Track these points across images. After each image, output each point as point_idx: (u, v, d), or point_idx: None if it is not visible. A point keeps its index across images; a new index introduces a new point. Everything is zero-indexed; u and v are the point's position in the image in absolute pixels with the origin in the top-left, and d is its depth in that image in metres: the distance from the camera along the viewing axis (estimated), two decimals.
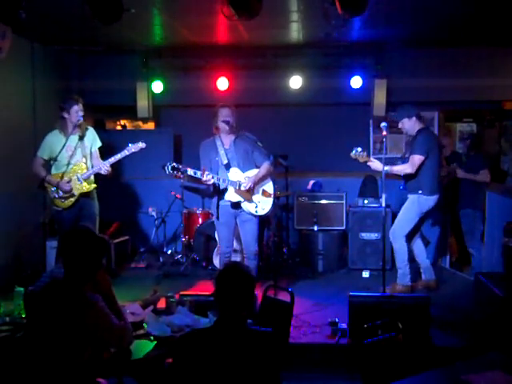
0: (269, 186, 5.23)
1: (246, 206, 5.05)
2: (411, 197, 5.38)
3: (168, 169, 4.79)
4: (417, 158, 5.25)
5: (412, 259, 5.61)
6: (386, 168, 5.17)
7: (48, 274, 3.77)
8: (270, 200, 5.19)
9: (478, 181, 5.98)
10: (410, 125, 5.37)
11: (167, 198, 7.05)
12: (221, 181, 4.94)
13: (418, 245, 5.60)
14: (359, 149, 5.21)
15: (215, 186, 5.04)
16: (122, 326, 2.80)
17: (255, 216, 5.12)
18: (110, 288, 2.92)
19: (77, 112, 5.18)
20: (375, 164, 5.26)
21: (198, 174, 4.86)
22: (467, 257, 6.39)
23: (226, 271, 2.53)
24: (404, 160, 5.42)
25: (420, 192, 5.31)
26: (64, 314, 2.57)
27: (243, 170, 5.06)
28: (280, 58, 7.21)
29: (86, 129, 5.39)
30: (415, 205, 5.35)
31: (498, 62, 7.12)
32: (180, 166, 4.83)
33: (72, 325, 2.54)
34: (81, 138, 5.31)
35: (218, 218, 5.11)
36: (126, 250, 7.11)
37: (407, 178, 5.38)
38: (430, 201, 5.33)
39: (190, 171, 4.87)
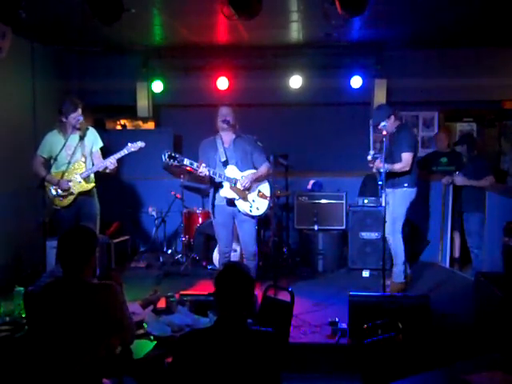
0: (265, 187, 5.18)
1: (240, 204, 5.03)
2: (398, 191, 5.40)
3: (165, 156, 4.76)
4: (409, 156, 5.32)
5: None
6: (386, 166, 5.21)
7: (48, 274, 3.79)
8: (266, 201, 5.14)
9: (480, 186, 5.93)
10: (388, 124, 5.37)
11: (167, 197, 7.05)
12: (217, 175, 4.93)
13: None
14: (372, 152, 5.44)
15: (212, 181, 5.04)
16: (132, 320, 2.87)
17: (252, 216, 5.13)
18: (122, 290, 2.96)
19: (75, 118, 5.15)
20: (376, 164, 5.39)
21: (195, 165, 4.86)
22: (468, 257, 6.39)
23: (226, 271, 2.54)
24: (392, 158, 5.36)
25: (406, 185, 5.39)
26: (82, 308, 2.59)
27: (241, 169, 5.06)
28: (280, 58, 7.21)
29: (87, 129, 5.39)
30: (404, 199, 5.41)
31: (498, 62, 7.12)
32: (177, 155, 4.81)
33: (94, 314, 2.57)
34: (81, 138, 5.31)
35: (213, 215, 5.12)
36: (126, 250, 7.11)
37: (390, 173, 5.37)
38: (413, 193, 5.44)
39: (187, 161, 4.85)
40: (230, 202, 5.05)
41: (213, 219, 5.20)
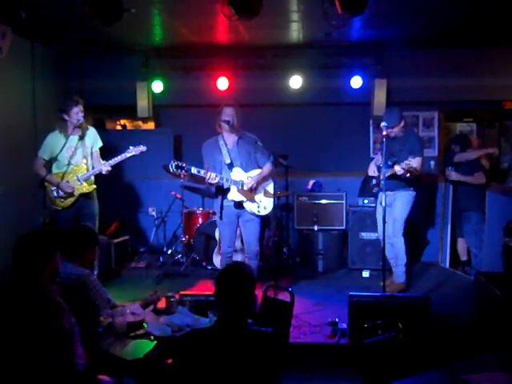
0: (270, 187, 5.24)
1: (248, 205, 5.06)
2: (402, 194, 5.42)
3: (172, 167, 4.78)
4: (421, 161, 5.31)
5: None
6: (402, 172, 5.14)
7: None
8: (271, 199, 5.20)
9: (473, 183, 5.98)
10: (397, 129, 5.35)
11: (167, 198, 7.05)
12: (224, 180, 4.94)
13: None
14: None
15: (219, 186, 5.04)
16: None
17: (257, 216, 5.13)
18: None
19: (77, 113, 5.19)
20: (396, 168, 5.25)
21: (202, 172, 4.87)
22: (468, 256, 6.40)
23: (227, 271, 2.53)
24: (399, 162, 5.32)
25: (411, 188, 5.42)
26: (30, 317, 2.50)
27: (246, 170, 5.07)
28: (280, 58, 7.20)
29: (87, 129, 5.40)
30: (409, 201, 5.45)
31: (498, 62, 7.12)
32: (184, 165, 4.84)
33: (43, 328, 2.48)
34: (81, 139, 5.32)
35: (221, 218, 5.11)
36: (126, 250, 7.11)
37: (395, 175, 5.33)
38: (416, 195, 5.48)
39: (194, 170, 4.88)
40: (238, 205, 5.06)
41: (218, 220, 5.20)
